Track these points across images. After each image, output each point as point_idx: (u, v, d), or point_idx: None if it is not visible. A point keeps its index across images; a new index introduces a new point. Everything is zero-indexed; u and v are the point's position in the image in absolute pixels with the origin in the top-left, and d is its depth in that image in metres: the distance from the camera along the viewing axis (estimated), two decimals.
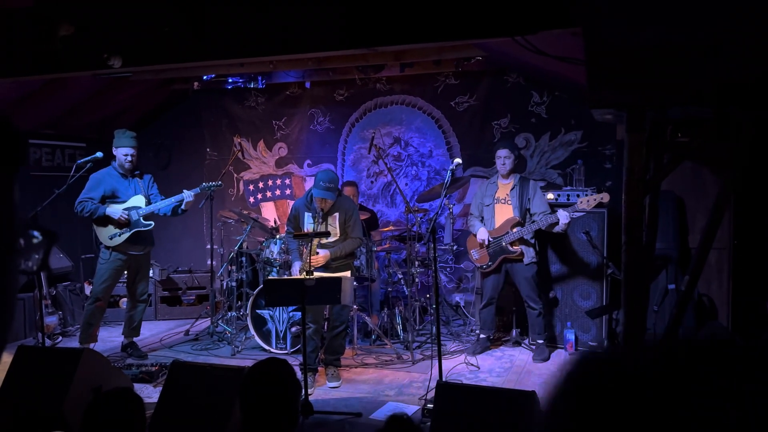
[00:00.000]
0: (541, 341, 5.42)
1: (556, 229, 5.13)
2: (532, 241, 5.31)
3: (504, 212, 5.40)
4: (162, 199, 5.50)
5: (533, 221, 5.22)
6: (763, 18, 2.63)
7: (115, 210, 5.32)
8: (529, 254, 5.30)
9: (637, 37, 2.72)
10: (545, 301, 5.56)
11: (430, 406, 3.65)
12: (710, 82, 2.73)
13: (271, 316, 5.58)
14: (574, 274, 5.60)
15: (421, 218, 5.86)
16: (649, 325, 4.86)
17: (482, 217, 5.50)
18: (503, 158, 5.36)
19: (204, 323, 6.58)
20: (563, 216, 5.03)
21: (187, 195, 5.45)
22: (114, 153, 5.47)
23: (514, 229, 5.27)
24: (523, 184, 5.38)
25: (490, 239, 5.35)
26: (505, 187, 5.44)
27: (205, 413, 3.36)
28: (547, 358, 5.35)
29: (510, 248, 5.28)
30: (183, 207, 5.50)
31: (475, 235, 5.45)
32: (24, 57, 4.66)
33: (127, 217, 5.34)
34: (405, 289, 6.03)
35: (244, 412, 2.18)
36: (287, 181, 7.93)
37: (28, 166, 7.04)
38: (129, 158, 5.43)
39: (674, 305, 3.31)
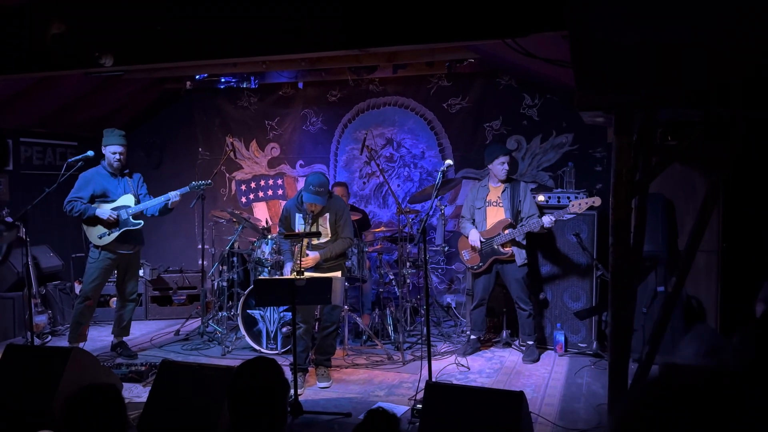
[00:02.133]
0: (531, 342, 5.44)
1: (543, 230, 5.23)
2: (524, 242, 5.34)
3: (496, 215, 5.42)
4: (150, 199, 5.49)
5: (522, 224, 5.27)
6: (753, 16, 2.65)
7: (104, 211, 5.30)
8: (521, 256, 5.33)
9: (625, 37, 2.74)
10: (535, 303, 5.59)
11: (420, 406, 3.66)
12: (700, 83, 2.76)
13: (262, 316, 5.58)
14: (564, 276, 5.63)
15: (412, 219, 5.88)
16: (638, 327, 4.89)
17: (473, 220, 5.52)
18: (506, 163, 5.38)
19: (194, 323, 6.56)
20: (547, 221, 5.15)
21: (173, 195, 5.44)
22: (103, 152, 5.44)
23: (506, 231, 5.29)
24: (513, 186, 5.41)
25: (482, 240, 5.37)
26: (496, 189, 5.46)
27: (195, 413, 3.36)
28: (537, 359, 5.37)
29: (501, 250, 5.31)
30: (169, 206, 5.49)
31: (466, 237, 5.47)
32: (15, 54, 4.64)
33: (115, 217, 5.32)
34: (396, 289, 6.05)
35: (232, 411, 2.18)
36: (279, 182, 7.93)
37: (19, 164, 7.01)
38: (118, 157, 5.41)
39: (661, 306, 3.34)
